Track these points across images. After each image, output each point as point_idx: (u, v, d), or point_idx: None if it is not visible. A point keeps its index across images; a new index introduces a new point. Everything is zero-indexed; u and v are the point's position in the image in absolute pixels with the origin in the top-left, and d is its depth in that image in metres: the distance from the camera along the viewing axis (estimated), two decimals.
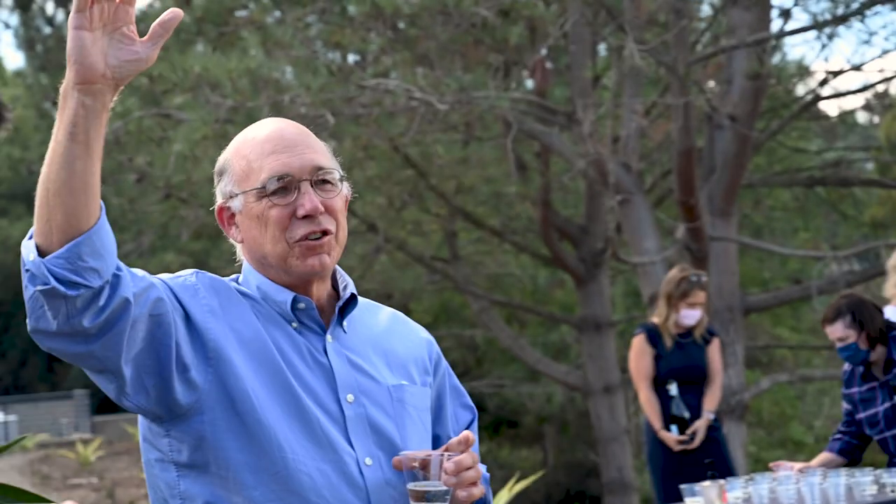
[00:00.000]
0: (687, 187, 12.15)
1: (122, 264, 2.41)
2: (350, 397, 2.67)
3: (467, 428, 2.89)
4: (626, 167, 12.83)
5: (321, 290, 2.72)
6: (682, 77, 11.21)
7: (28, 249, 2.36)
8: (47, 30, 21.85)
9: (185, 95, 12.91)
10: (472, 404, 2.96)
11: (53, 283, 2.32)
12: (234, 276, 2.78)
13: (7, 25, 22.58)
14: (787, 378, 17.79)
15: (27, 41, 22.05)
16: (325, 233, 2.64)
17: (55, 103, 26.36)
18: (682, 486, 6.61)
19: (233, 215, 2.72)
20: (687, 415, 8.32)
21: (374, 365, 2.75)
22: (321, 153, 2.69)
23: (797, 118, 15.46)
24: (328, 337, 2.71)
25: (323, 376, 2.66)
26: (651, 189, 15.66)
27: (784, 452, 25.97)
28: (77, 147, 2.33)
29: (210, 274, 2.70)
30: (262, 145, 2.68)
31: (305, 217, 2.63)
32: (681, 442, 8.22)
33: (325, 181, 2.67)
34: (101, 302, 2.37)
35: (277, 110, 11.65)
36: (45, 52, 21.48)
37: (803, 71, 16.73)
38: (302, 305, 2.68)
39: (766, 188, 17.12)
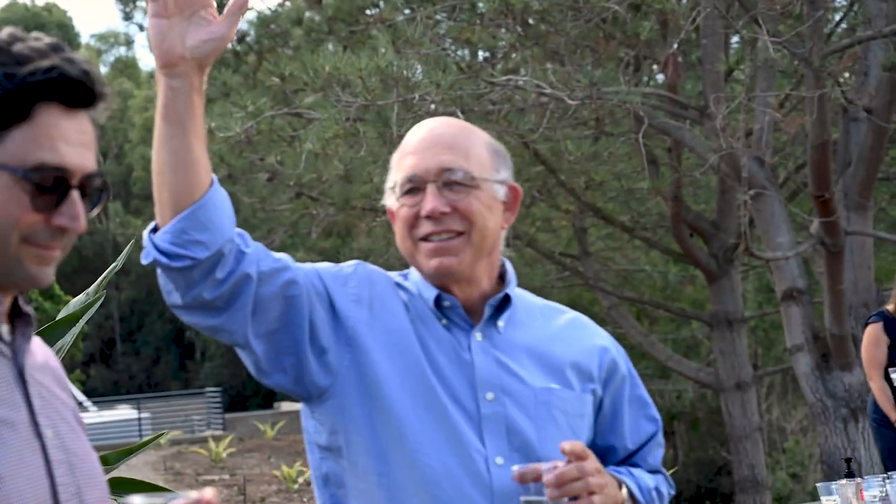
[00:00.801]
0: (822, 181, 11.97)
1: (253, 243, 2.55)
2: (490, 395, 2.69)
3: (649, 441, 2.92)
4: (760, 161, 12.68)
5: (469, 290, 2.76)
6: (816, 69, 11.03)
7: (146, 230, 2.51)
8: None
9: (316, 94, 13.04)
10: (657, 416, 2.96)
11: (156, 255, 2.46)
12: (405, 270, 2.86)
13: (141, 27, 23.00)
14: None
15: None
16: (458, 234, 2.69)
17: None
18: (819, 485, 6.53)
19: (392, 212, 2.81)
20: None
21: (525, 366, 2.76)
22: (461, 154, 2.72)
23: None
24: (476, 335, 2.74)
25: (463, 373, 2.70)
26: (784, 183, 15.46)
27: None
28: (171, 127, 2.45)
29: (372, 267, 2.80)
30: (407, 146, 2.78)
31: (429, 217, 2.69)
32: None
33: (454, 182, 2.70)
34: (220, 275, 2.49)
35: (407, 108, 11.71)
36: None
37: None
38: (447, 303, 2.74)
39: None
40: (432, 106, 11.93)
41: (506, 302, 2.78)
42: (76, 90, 1.95)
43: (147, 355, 48.15)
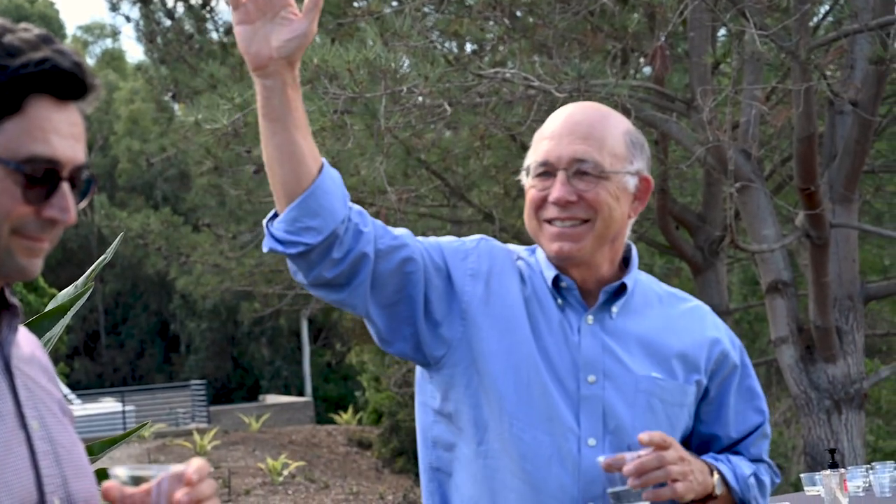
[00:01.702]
0: (807, 174, 12.02)
1: (372, 221, 2.70)
2: (592, 378, 2.80)
3: (754, 431, 3.01)
4: (746, 154, 12.72)
5: (588, 273, 2.87)
6: (803, 62, 11.07)
7: (266, 217, 2.68)
8: (167, 22, 22.14)
9: (303, 87, 13.03)
10: (765, 409, 3.05)
11: (272, 243, 2.64)
12: (533, 246, 2.98)
13: (128, 18, 22.92)
14: None
15: (147, 34, 22.37)
16: (583, 221, 2.80)
17: (175, 96, 26.81)
18: (803, 476, 6.59)
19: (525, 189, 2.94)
20: None
21: (632, 353, 2.86)
22: (595, 145, 2.81)
23: None
24: (588, 318, 2.86)
25: (569, 353, 2.81)
26: (770, 176, 15.50)
27: None
28: (272, 124, 2.60)
29: (496, 242, 2.94)
30: (546, 130, 2.89)
31: (556, 203, 2.80)
32: None
33: (584, 173, 2.80)
34: (336, 255, 2.65)
35: (395, 101, 11.72)
36: (166, 44, 21.75)
37: None
38: (564, 284, 2.86)
39: (887, 174, 16.86)
40: (420, 98, 11.94)
41: (622, 289, 2.88)
42: (68, 82, 1.96)
43: (131, 348, 48.02)
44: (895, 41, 11.18)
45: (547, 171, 2.83)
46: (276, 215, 2.67)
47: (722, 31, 14.75)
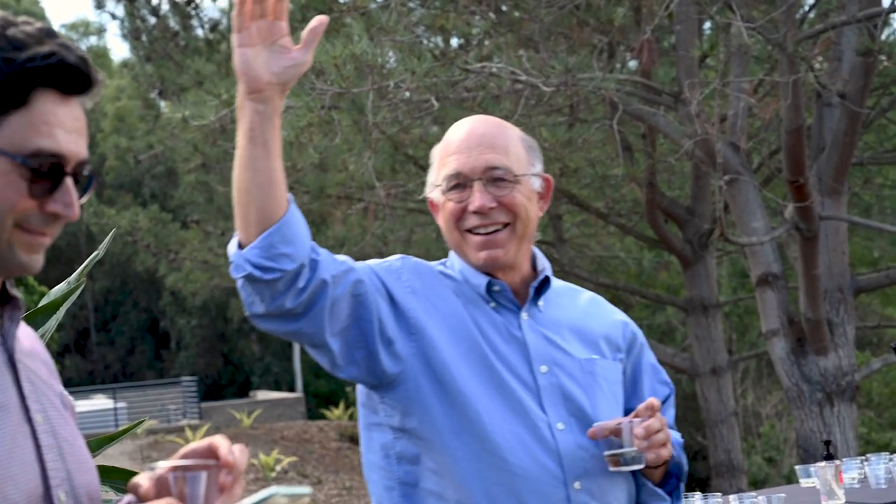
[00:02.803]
0: (796, 166, 12.01)
1: (321, 250, 2.76)
2: (544, 368, 2.99)
3: (665, 401, 3.22)
4: (734, 147, 12.71)
5: (513, 274, 3.06)
6: (790, 54, 11.06)
7: (231, 246, 2.73)
8: (152, 20, 22.09)
9: None
10: (669, 380, 3.29)
11: (250, 269, 2.67)
12: (443, 260, 3.14)
13: (113, 16, 22.90)
14: None
15: (133, 32, 22.34)
16: (504, 225, 2.99)
17: (161, 93, 26.72)
18: (797, 467, 6.57)
19: (435, 205, 3.09)
20: None
21: (568, 340, 3.07)
22: (502, 152, 3.01)
23: None
24: (523, 315, 3.04)
25: (518, 349, 2.99)
26: (759, 168, 15.49)
27: (895, 434, 25.61)
28: (257, 149, 2.66)
29: (415, 259, 3.08)
30: (450, 144, 3.07)
31: (476, 212, 2.98)
32: None
33: (498, 179, 2.99)
34: (301, 284, 2.71)
35: (382, 96, 11.69)
36: (151, 42, 21.71)
37: None
38: (497, 288, 3.02)
39: (876, 166, 16.86)
40: (407, 93, 11.91)
41: (544, 284, 3.08)
42: (73, 76, 1.94)
43: (122, 345, 47.96)
44: (882, 32, 11.16)
45: (460, 182, 3.00)
46: (239, 244, 2.72)
47: (708, 24, 14.73)
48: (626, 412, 3.10)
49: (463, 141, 3.04)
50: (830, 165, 12.90)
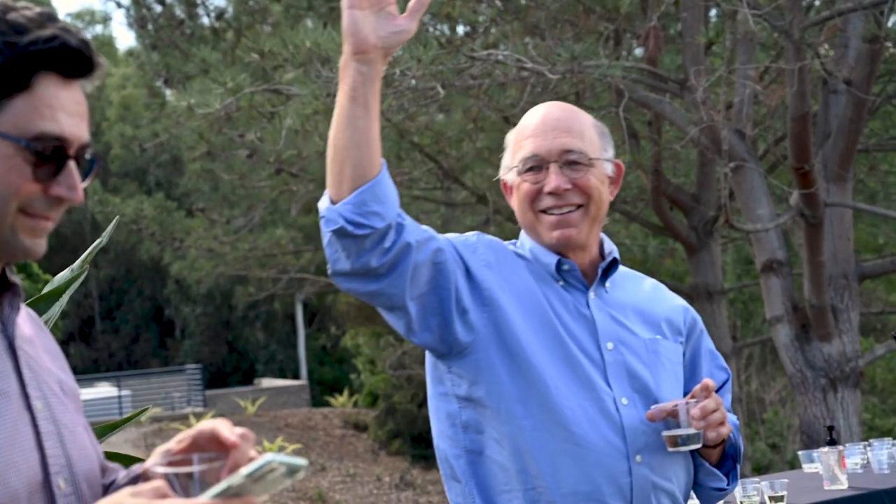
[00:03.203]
0: (801, 153, 12.01)
1: (406, 215, 2.91)
2: (610, 345, 3.10)
3: (722, 386, 3.32)
4: (740, 134, 12.70)
5: (583, 255, 3.17)
6: (796, 41, 11.05)
7: (322, 201, 2.82)
8: (158, 8, 22.09)
9: (296, 71, 13.00)
10: (727, 366, 3.37)
11: (342, 223, 2.74)
12: (513, 240, 3.24)
13: (119, 4, 22.90)
14: None
15: (138, 20, 22.34)
16: (577, 207, 3.09)
17: (166, 82, 26.65)
18: (801, 453, 6.60)
19: (509, 186, 3.20)
20: None
21: (632, 321, 3.17)
22: (577, 136, 3.12)
23: None
24: (591, 294, 3.15)
25: (586, 327, 3.10)
26: (764, 155, 15.49)
27: None
28: (358, 108, 2.74)
29: (489, 236, 3.17)
30: (526, 128, 3.16)
31: (551, 193, 3.08)
32: None
33: (573, 162, 3.09)
34: (387, 244, 2.80)
35: (388, 84, 11.69)
36: (157, 30, 21.72)
37: None
38: (566, 267, 3.13)
39: (881, 153, 16.85)
40: (413, 81, 11.91)
41: (612, 265, 3.19)
42: (75, 60, 1.95)
43: (126, 333, 47.95)
44: (889, 19, 11.16)
45: (537, 164, 3.10)
46: (330, 200, 2.80)
47: (714, 11, 14.72)
48: (684, 395, 3.17)
49: (539, 125, 3.13)
50: (836, 152, 12.90)
